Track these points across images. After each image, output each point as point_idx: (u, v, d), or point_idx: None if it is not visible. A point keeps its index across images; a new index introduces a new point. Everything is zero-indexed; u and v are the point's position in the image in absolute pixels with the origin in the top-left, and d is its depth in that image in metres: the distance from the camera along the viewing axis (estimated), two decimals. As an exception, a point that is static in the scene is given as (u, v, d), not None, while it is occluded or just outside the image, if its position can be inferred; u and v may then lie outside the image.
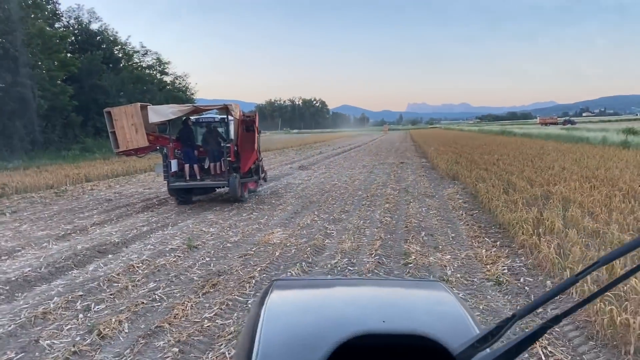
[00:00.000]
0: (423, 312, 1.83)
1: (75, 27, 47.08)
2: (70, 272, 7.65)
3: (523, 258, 7.39)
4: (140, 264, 7.76)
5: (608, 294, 5.21)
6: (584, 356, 4.43)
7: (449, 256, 7.71)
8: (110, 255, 8.56)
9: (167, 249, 8.72)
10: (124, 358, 4.63)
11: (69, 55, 41.59)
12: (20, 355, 4.78)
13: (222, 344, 4.82)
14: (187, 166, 13.65)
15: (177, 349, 4.73)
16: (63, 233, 10.45)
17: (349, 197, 14.25)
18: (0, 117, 32.05)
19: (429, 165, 23.98)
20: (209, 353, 4.67)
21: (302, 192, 15.74)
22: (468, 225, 9.91)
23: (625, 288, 5.06)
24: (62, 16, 46.23)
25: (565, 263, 6.27)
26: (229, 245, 8.98)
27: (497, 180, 14.18)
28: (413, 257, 7.62)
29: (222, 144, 13.89)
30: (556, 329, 5.03)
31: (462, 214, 11.00)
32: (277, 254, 8.17)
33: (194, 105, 13.48)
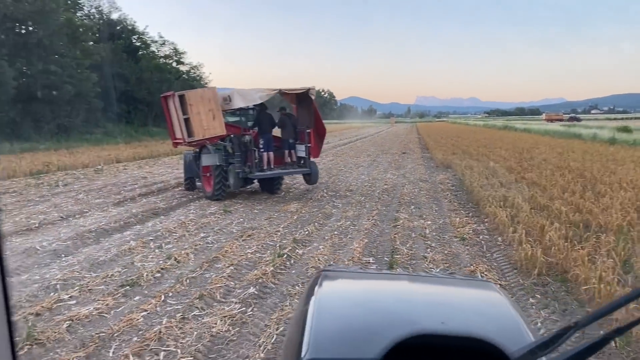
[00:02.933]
0: (476, 312, 1.82)
1: (96, 16, 49.24)
2: (134, 227, 9.87)
3: (486, 224, 9.56)
4: (190, 222, 10.00)
5: (529, 238, 7.39)
6: (507, 277, 6.60)
7: (430, 222, 9.89)
8: (162, 216, 10.79)
9: (207, 213, 10.95)
10: (197, 272, 6.84)
11: (91, 44, 43.79)
12: (125, 270, 7.00)
13: (262, 266, 7.02)
14: (266, 154, 12.72)
15: (232, 268, 6.94)
16: (117, 201, 12.69)
17: (352, 180, 16.42)
18: (30, 102, 34.39)
19: (429, 155, 26.06)
20: (254, 270, 6.88)
21: (313, 175, 17.90)
22: (450, 202, 12.06)
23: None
24: (84, 5, 48.47)
25: (513, 224, 8.45)
26: (255, 211, 11.21)
27: (483, 169, 16.31)
28: (401, 221, 9.81)
29: (296, 130, 13.26)
30: (494, 263, 7.21)
31: (448, 194, 13.15)
32: (294, 217, 10.39)
33: (280, 89, 12.61)
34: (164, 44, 52.73)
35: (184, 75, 53.65)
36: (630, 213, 8.65)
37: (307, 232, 9.03)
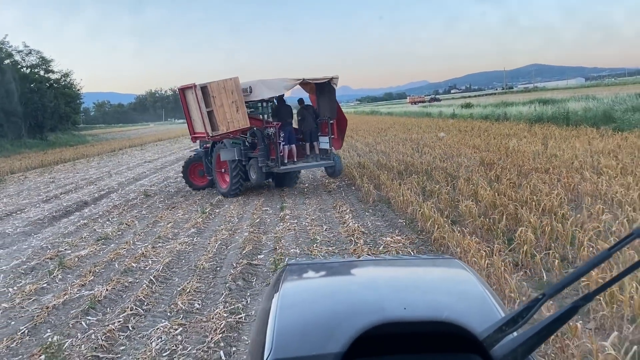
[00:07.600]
0: (443, 292, 1.85)
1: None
2: (74, 213, 12.29)
3: (346, 180, 13.37)
4: (119, 205, 12.65)
5: (370, 182, 11.22)
6: (355, 206, 10.29)
7: (307, 185, 13.50)
8: (92, 205, 13.25)
9: (130, 198, 13.60)
10: (147, 229, 9.72)
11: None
12: (91, 233, 9.66)
13: (192, 220, 10.06)
14: (293, 147, 12.47)
15: (172, 224, 9.93)
16: (43, 199, 14.70)
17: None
18: None
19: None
20: (188, 222, 9.92)
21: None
22: (322, 172, 15.77)
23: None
24: None
25: (360, 177, 12.29)
26: (172, 191, 14.02)
27: (347, 146, 20.41)
28: (287, 188, 13.26)
29: (317, 121, 12.84)
30: (347, 200, 10.90)
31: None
32: (205, 192, 13.44)
33: (303, 78, 12.25)
34: (30, 52, 51.34)
35: (55, 84, 52.75)
36: (437, 162, 12.92)
37: (218, 199, 12.18)
